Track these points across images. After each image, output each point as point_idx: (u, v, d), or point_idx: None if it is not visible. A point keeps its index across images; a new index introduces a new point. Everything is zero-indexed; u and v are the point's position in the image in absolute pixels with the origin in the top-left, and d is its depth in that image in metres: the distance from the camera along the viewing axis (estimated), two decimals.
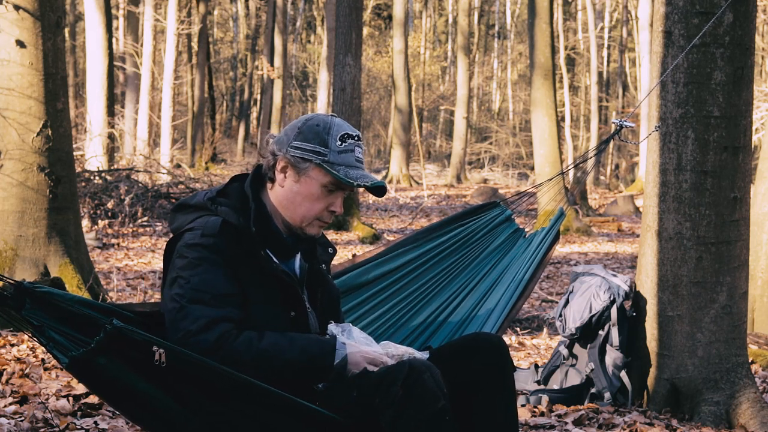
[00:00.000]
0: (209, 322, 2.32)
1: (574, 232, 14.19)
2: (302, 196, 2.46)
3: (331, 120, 2.48)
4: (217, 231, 2.39)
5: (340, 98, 12.88)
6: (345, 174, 2.43)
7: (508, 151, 32.95)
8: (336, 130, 2.45)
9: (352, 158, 2.45)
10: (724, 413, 3.84)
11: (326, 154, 2.43)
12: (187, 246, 2.39)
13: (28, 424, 3.23)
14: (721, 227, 3.88)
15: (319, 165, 2.43)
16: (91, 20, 15.86)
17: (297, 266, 2.55)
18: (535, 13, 14.30)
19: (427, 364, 2.33)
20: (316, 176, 2.45)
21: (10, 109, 5.58)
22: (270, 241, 2.47)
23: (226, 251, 2.38)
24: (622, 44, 33.49)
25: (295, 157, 2.44)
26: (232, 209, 2.44)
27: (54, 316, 2.19)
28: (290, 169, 2.46)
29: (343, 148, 2.44)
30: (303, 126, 2.47)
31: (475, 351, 2.53)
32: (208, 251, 2.37)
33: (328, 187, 2.46)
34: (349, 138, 2.46)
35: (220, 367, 2.22)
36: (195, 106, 25.09)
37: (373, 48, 36.59)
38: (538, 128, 14.25)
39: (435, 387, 2.29)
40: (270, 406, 2.29)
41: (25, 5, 5.52)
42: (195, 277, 2.36)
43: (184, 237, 2.42)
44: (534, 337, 6.32)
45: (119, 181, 13.02)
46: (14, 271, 5.52)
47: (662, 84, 3.89)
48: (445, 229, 3.38)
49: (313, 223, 2.50)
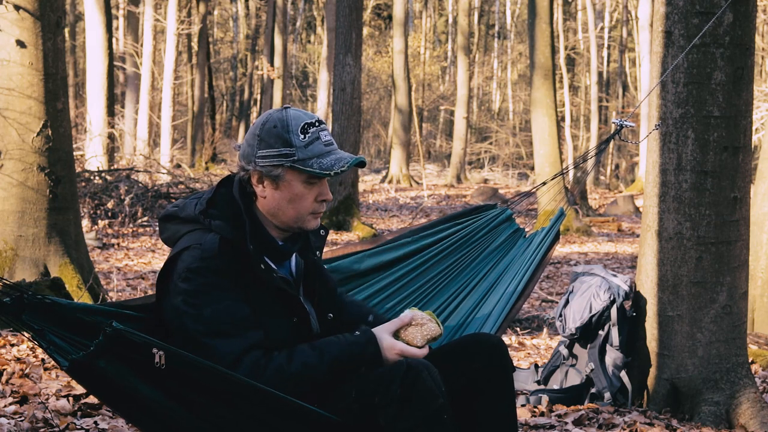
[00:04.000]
0: (236, 358, 2.27)
1: (574, 232, 14.18)
2: (287, 200, 2.41)
3: (286, 114, 2.39)
4: (217, 251, 2.31)
5: (340, 98, 12.89)
6: (319, 166, 2.36)
7: (508, 151, 32.95)
8: (294, 124, 2.37)
9: (321, 146, 2.38)
10: (724, 413, 3.84)
11: (293, 154, 2.36)
12: (189, 270, 2.31)
13: (28, 424, 3.23)
14: (721, 227, 3.88)
15: (291, 167, 2.37)
16: (91, 20, 15.86)
17: (293, 264, 2.52)
18: (535, 13, 14.30)
19: (425, 363, 2.33)
20: (292, 178, 2.39)
21: (10, 109, 5.58)
22: (266, 251, 2.42)
23: (229, 271, 2.32)
24: (622, 44, 33.49)
25: (265, 166, 2.38)
26: (226, 222, 2.37)
27: (54, 321, 2.19)
28: (265, 179, 2.40)
29: (307, 140, 2.37)
30: (261, 132, 2.39)
31: (474, 351, 2.53)
32: (214, 276, 2.30)
33: (309, 181, 2.41)
34: (310, 127, 2.38)
35: (220, 369, 2.21)
36: (195, 106, 25.10)
37: (373, 48, 36.59)
38: (538, 128, 14.25)
39: (433, 386, 2.29)
40: (269, 407, 2.28)
41: (25, 5, 5.52)
42: (207, 309, 2.29)
43: (183, 258, 2.33)
44: (534, 337, 6.32)
45: (119, 181, 13.02)
46: (14, 271, 5.52)
47: (662, 84, 3.89)
48: (442, 226, 3.37)
49: (308, 218, 2.45)
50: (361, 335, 2.39)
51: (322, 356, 2.32)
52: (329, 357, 2.33)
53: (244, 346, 2.29)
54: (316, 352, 2.33)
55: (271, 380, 2.27)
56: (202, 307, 2.29)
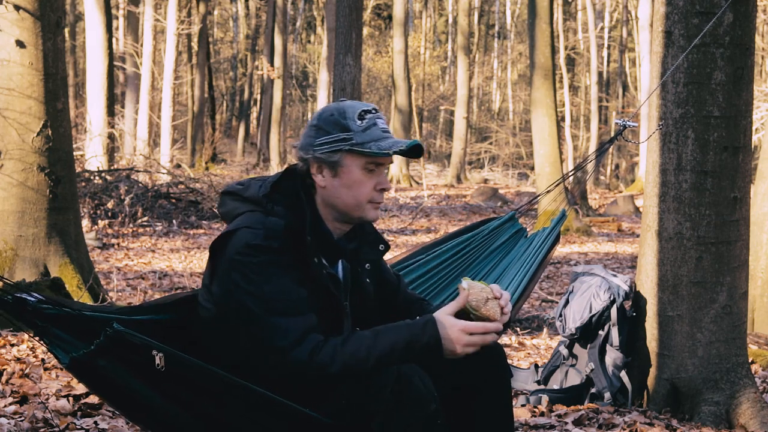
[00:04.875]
0: (298, 337, 2.24)
1: (574, 232, 14.18)
2: (347, 187, 2.40)
3: (343, 104, 2.42)
4: (280, 234, 2.30)
5: (340, 98, 12.88)
6: (378, 148, 2.36)
7: (508, 151, 32.97)
8: (351, 111, 2.39)
9: (378, 131, 2.39)
10: (724, 413, 3.84)
11: (352, 137, 2.37)
12: (249, 246, 2.28)
13: (28, 424, 3.23)
14: (721, 227, 3.88)
15: (350, 150, 2.37)
16: (91, 20, 15.86)
17: (340, 268, 2.49)
18: (535, 13, 14.30)
19: (416, 369, 2.31)
20: (351, 162, 2.38)
21: (10, 109, 5.58)
22: (322, 246, 2.40)
23: (289, 254, 2.31)
24: (622, 44, 33.49)
25: (324, 153, 2.38)
26: (288, 210, 2.36)
27: (57, 320, 2.21)
28: (324, 167, 2.39)
29: (365, 125, 2.38)
30: (318, 122, 2.41)
31: (472, 356, 2.52)
32: (275, 254, 2.29)
33: (367, 167, 2.40)
34: (366, 114, 2.40)
35: (220, 372, 2.22)
36: (195, 106, 25.09)
37: (373, 48, 36.59)
38: (538, 128, 14.26)
39: (425, 391, 2.28)
40: (266, 409, 2.28)
41: (25, 5, 5.52)
42: (267, 286, 2.26)
43: (242, 235, 2.30)
44: (534, 337, 6.32)
45: (119, 181, 13.02)
46: (14, 271, 5.52)
47: (662, 84, 3.89)
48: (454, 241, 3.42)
49: (367, 207, 2.43)
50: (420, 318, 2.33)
51: (377, 340, 2.28)
52: (386, 341, 2.27)
53: (305, 326, 2.27)
54: (372, 335, 2.29)
55: (325, 361, 2.23)
56: (262, 284, 2.27)
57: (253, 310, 2.26)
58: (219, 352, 2.35)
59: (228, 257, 2.30)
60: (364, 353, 2.25)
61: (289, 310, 2.26)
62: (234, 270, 2.28)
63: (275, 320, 2.25)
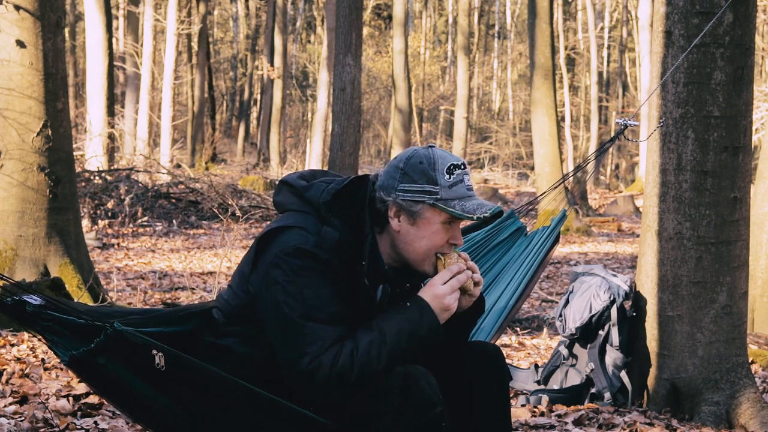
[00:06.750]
0: (329, 345, 2.25)
1: (574, 232, 14.18)
2: (421, 237, 2.37)
3: (433, 153, 2.37)
4: (334, 247, 2.30)
5: (340, 98, 12.88)
6: (462, 208, 2.34)
7: (508, 151, 32.98)
8: (441, 163, 2.35)
9: (464, 189, 2.36)
10: (724, 413, 3.84)
11: (437, 192, 2.34)
12: (298, 249, 2.28)
13: (28, 424, 3.23)
14: (721, 227, 3.88)
15: (433, 205, 2.34)
16: (91, 20, 15.87)
17: (380, 290, 2.48)
18: (535, 13, 14.31)
19: (422, 371, 2.31)
20: (432, 215, 2.35)
21: (10, 109, 5.58)
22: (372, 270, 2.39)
23: (335, 268, 2.30)
24: (622, 44, 33.50)
25: (406, 200, 2.35)
26: (346, 227, 2.34)
27: (59, 319, 2.22)
28: (403, 213, 2.36)
29: (452, 181, 2.35)
30: (406, 166, 2.37)
31: (471, 360, 2.51)
32: (321, 264, 2.28)
33: (447, 222, 2.38)
34: (456, 169, 2.35)
35: (220, 372, 2.22)
36: (195, 106, 25.10)
37: (373, 48, 36.58)
38: (538, 128, 14.26)
39: (431, 393, 2.28)
40: (267, 411, 2.28)
41: (25, 5, 5.52)
42: (307, 290, 2.27)
43: (292, 236, 2.31)
44: (534, 337, 6.32)
45: (119, 181, 13.03)
46: (14, 271, 5.52)
47: (662, 84, 3.89)
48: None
49: (430, 260, 2.41)
50: (412, 305, 2.35)
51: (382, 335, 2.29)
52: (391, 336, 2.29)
53: (334, 336, 2.26)
54: (378, 334, 2.30)
55: (346, 367, 2.24)
56: (302, 288, 2.27)
57: (288, 311, 2.26)
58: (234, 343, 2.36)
59: (274, 253, 2.31)
60: (376, 353, 2.27)
61: (325, 320, 2.26)
62: (277, 267, 2.29)
63: (307, 324, 2.26)
